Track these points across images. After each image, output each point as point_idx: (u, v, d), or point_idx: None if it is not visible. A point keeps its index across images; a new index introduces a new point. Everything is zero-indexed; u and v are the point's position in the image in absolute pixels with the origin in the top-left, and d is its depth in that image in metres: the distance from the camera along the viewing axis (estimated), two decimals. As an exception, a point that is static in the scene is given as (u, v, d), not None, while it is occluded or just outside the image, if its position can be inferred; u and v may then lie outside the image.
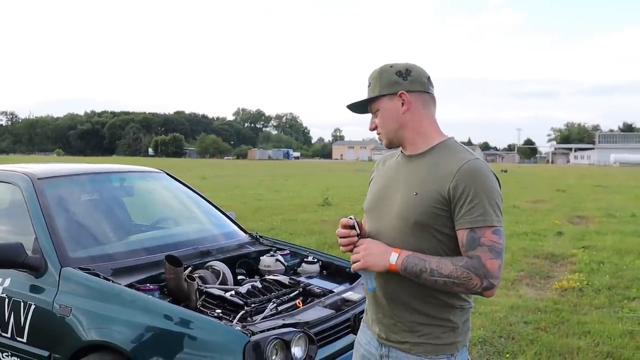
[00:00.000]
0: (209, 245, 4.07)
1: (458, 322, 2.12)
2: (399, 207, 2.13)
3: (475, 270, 1.97)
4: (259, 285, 3.53)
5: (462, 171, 2.03)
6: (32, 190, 3.74)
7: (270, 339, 2.81)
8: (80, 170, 4.53)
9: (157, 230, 4.44)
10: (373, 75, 2.21)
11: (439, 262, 2.01)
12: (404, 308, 2.13)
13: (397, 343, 2.16)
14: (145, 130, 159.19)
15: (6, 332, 3.49)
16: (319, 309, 3.31)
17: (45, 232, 3.51)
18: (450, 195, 2.02)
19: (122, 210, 4.44)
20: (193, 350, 2.85)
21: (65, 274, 3.32)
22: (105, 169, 4.79)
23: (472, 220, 1.99)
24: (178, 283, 3.28)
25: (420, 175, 2.13)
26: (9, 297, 3.49)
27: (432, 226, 2.06)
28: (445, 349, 2.11)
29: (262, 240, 4.54)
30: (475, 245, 1.98)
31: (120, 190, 4.57)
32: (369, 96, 2.20)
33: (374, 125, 2.24)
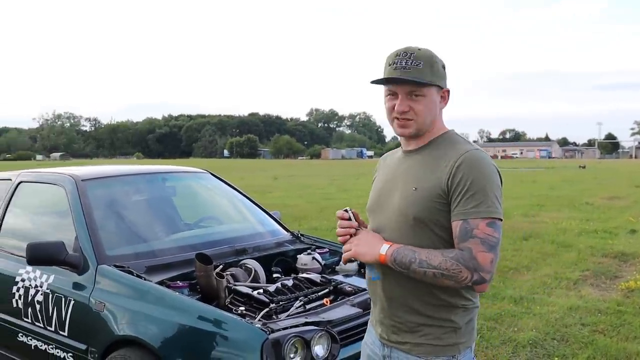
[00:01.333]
0: (246, 243, 4.12)
1: (460, 322, 2.06)
2: (398, 203, 2.09)
3: (465, 263, 1.91)
4: (289, 284, 3.54)
5: (460, 162, 1.97)
6: (75, 191, 3.90)
7: (289, 337, 2.82)
8: (123, 172, 4.69)
9: (197, 229, 4.53)
10: (423, 56, 2.03)
11: (429, 254, 1.96)
12: (404, 308, 2.09)
13: (398, 344, 2.12)
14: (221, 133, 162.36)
15: (51, 326, 3.66)
16: (346, 308, 3.30)
17: (85, 231, 3.65)
18: (449, 188, 1.97)
19: (166, 210, 4.56)
20: (215, 346, 2.90)
21: (101, 271, 3.45)
22: (149, 169, 4.94)
23: (466, 211, 1.93)
24: (208, 281, 3.35)
25: (418, 170, 2.08)
26: (53, 293, 3.65)
27: (432, 221, 2.01)
28: (446, 350, 2.05)
29: (302, 239, 4.56)
30: (467, 237, 1.93)
31: (162, 191, 4.69)
32: (423, 79, 2.02)
33: (409, 108, 2.05)
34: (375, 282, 2.17)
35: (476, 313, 2.14)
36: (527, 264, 8.43)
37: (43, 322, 3.72)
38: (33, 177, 4.61)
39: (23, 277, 3.91)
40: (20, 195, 4.53)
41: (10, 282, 4.00)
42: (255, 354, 2.76)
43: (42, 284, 3.74)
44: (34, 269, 3.83)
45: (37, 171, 4.80)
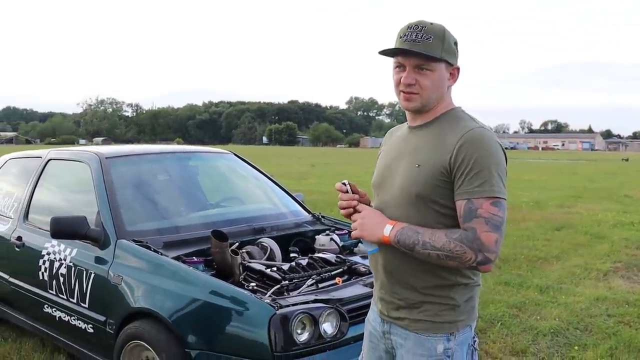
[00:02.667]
0: (264, 223, 4.16)
1: (459, 300, 2.05)
2: (401, 180, 2.08)
3: (469, 244, 1.89)
4: (303, 263, 3.58)
5: (463, 140, 1.94)
6: (98, 168, 4.00)
7: (297, 313, 2.85)
8: (147, 150, 4.79)
9: (219, 208, 4.59)
10: (434, 31, 2.00)
11: (432, 235, 1.94)
12: (403, 284, 2.09)
13: (397, 319, 2.12)
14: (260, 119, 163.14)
15: (73, 298, 3.78)
16: (358, 287, 3.32)
17: (106, 207, 3.75)
18: (451, 166, 1.95)
19: (188, 188, 4.63)
20: (225, 320, 2.96)
21: (120, 246, 3.54)
22: (173, 149, 5.04)
23: (470, 190, 1.91)
24: (223, 257, 3.40)
25: (422, 146, 2.06)
26: (75, 266, 3.76)
27: (434, 199, 1.99)
28: (444, 327, 2.05)
29: (323, 221, 4.59)
30: (471, 216, 1.90)
31: (185, 170, 4.76)
32: (431, 53, 1.98)
33: (415, 81, 2.02)
34: (376, 258, 2.18)
35: (477, 291, 2.12)
36: (557, 254, 8.32)
37: (66, 294, 3.84)
38: (61, 154, 4.75)
39: (49, 250, 4.03)
40: (48, 172, 4.67)
41: (37, 255, 4.13)
42: (263, 329, 2.81)
43: (66, 257, 3.85)
44: (59, 243, 3.95)
45: (65, 149, 4.93)
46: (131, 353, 3.32)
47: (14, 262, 4.51)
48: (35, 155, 5.08)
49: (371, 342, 2.29)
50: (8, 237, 4.54)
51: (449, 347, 2.05)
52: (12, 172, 5.25)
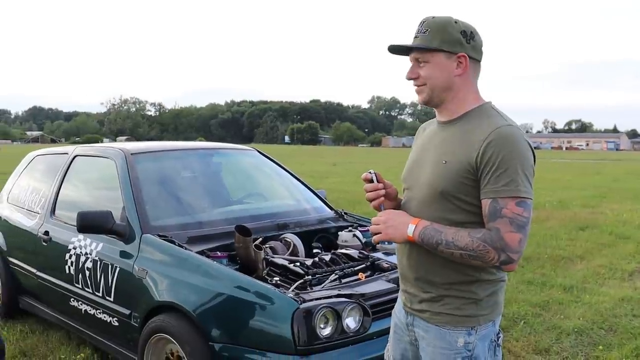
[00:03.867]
0: (287, 219, 4.18)
1: (481, 294, 2.04)
2: (428, 176, 2.08)
3: (492, 243, 1.89)
4: (327, 258, 3.59)
5: (491, 138, 1.93)
6: (124, 164, 4.05)
7: (320, 307, 2.86)
8: (172, 147, 4.84)
9: (242, 204, 4.62)
10: (433, 24, 2.04)
11: (456, 234, 1.94)
12: (426, 279, 2.10)
13: (420, 312, 2.14)
14: (282, 119, 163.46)
15: (98, 292, 3.83)
16: (381, 283, 3.32)
17: (131, 202, 3.79)
18: (478, 164, 1.94)
19: (212, 184, 4.67)
20: (248, 314, 2.98)
21: (145, 240, 3.58)
22: (197, 145, 5.09)
23: (495, 189, 1.90)
24: (246, 252, 3.43)
25: (450, 143, 2.05)
26: (101, 260, 3.81)
27: (459, 197, 1.99)
28: (465, 321, 2.05)
29: (346, 217, 4.60)
30: (496, 216, 1.90)
31: (209, 166, 4.80)
32: (426, 45, 2.03)
33: (416, 76, 2.08)
34: (400, 251, 2.20)
35: (501, 287, 2.12)
36: (581, 254, 8.24)
37: (92, 288, 3.89)
38: (87, 151, 4.82)
39: (75, 244, 4.09)
40: (75, 168, 4.74)
41: (64, 249, 4.19)
42: (287, 323, 2.82)
43: (92, 252, 3.91)
44: (85, 237, 4.00)
45: (91, 146, 5.00)
46: (155, 346, 3.36)
47: (41, 257, 4.59)
48: (61, 152, 5.15)
49: (396, 333, 2.31)
50: (35, 232, 4.61)
51: (470, 341, 2.05)
52: (39, 169, 5.33)
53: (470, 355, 2.05)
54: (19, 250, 4.82)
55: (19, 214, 5.08)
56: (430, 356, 2.11)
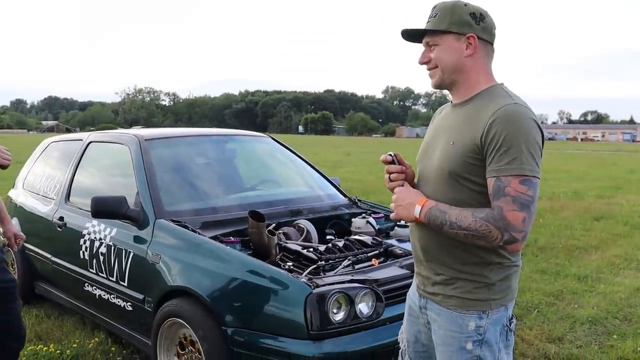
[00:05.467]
0: (301, 205, 4.19)
1: (493, 278, 2.03)
2: (438, 157, 2.08)
3: (494, 223, 1.87)
4: (340, 244, 3.58)
5: (495, 116, 1.92)
6: (138, 150, 4.06)
7: (333, 292, 2.86)
8: (185, 133, 4.85)
9: (256, 190, 4.62)
10: (442, 7, 2.06)
11: (459, 214, 1.94)
12: (438, 261, 2.10)
13: (432, 295, 2.14)
14: (296, 109, 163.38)
15: (112, 277, 3.84)
16: (394, 269, 3.31)
17: (145, 187, 3.80)
18: (483, 143, 1.93)
19: (225, 170, 4.67)
20: (261, 299, 2.98)
21: (159, 225, 3.59)
22: (210, 132, 5.09)
23: (499, 168, 1.89)
24: (260, 237, 3.43)
25: (458, 124, 2.06)
26: (114, 246, 3.83)
27: (467, 177, 1.99)
28: (477, 305, 2.04)
29: (359, 204, 4.59)
30: (499, 195, 1.88)
31: (223, 152, 4.80)
32: (434, 27, 2.05)
33: (427, 59, 2.10)
34: (413, 234, 2.21)
35: (515, 272, 2.10)
36: (596, 244, 8.18)
37: (106, 273, 3.91)
38: (101, 137, 4.84)
39: (89, 230, 4.11)
40: (89, 155, 4.76)
41: (79, 235, 4.21)
42: (299, 308, 2.82)
43: (106, 237, 3.93)
44: (99, 223, 4.02)
45: (105, 132, 5.02)
46: (169, 330, 3.38)
47: (56, 242, 4.62)
48: (76, 138, 5.18)
49: (410, 315, 2.31)
50: (50, 218, 4.64)
51: (481, 325, 2.04)
52: (54, 155, 5.36)
53: (482, 340, 2.04)
54: (34, 236, 4.86)
55: (34, 200, 5.11)
56: (441, 339, 2.11)
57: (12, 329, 3.00)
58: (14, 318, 2.99)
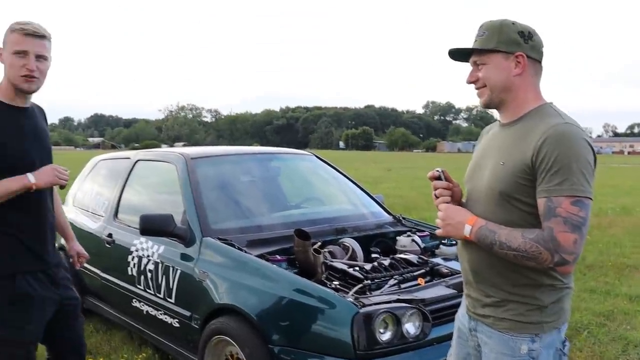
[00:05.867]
0: (345, 223, 4.18)
1: (546, 301, 2.00)
2: (487, 177, 2.07)
3: (545, 244, 1.85)
4: (385, 263, 3.57)
5: (546, 136, 1.90)
6: (184, 168, 4.12)
7: (380, 312, 2.84)
8: (230, 152, 4.89)
9: (300, 208, 4.63)
10: (490, 26, 2.06)
11: (509, 235, 1.92)
12: (488, 282, 2.08)
13: (483, 317, 2.11)
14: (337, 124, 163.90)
15: (160, 293, 3.89)
16: (441, 288, 3.28)
17: (192, 205, 3.85)
18: (534, 163, 1.91)
19: (270, 189, 4.70)
20: (308, 317, 2.98)
21: (206, 243, 3.62)
22: (255, 150, 5.14)
23: (550, 188, 1.87)
24: (305, 256, 3.44)
25: (508, 144, 2.04)
26: (162, 263, 3.88)
27: (518, 197, 1.97)
28: (529, 328, 2.00)
29: (404, 222, 4.57)
30: (550, 215, 1.86)
31: (267, 170, 4.84)
32: (482, 46, 2.05)
33: (475, 78, 2.11)
34: (462, 255, 2.19)
35: (567, 294, 2.06)
36: (647, 262, 7.96)
37: (153, 289, 3.96)
38: (149, 155, 4.93)
39: (137, 247, 4.17)
40: (137, 172, 4.85)
41: (127, 251, 4.28)
42: (346, 328, 2.81)
43: (153, 254, 3.98)
44: (146, 240, 4.08)
45: (152, 150, 5.11)
46: (215, 348, 3.39)
47: (105, 258, 4.70)
48: (123, 157, 5.28)
49: (460, 338, 2.29)
50: (99, 234, 4.73)
51: (534, 349, 2.01)
52: (103, 173, 5.47)
53: None
54: (84, 252, 4.93)
55: (84, 216, 5.22)
56: None
57: (73, 345, 3.05)
58: (75, 335, 3.04)
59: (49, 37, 2.67)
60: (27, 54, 2.60)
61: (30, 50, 2.60)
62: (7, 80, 2.66)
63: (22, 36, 2.59)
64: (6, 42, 2.63)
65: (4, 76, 2.68)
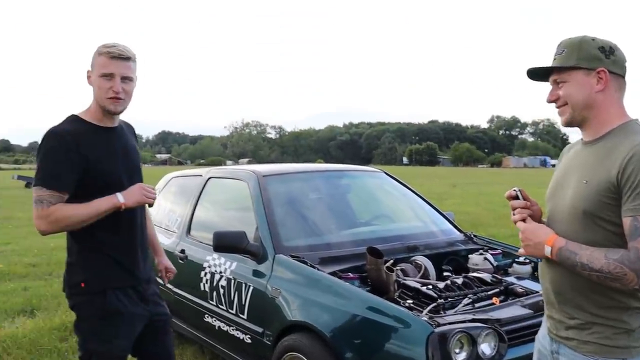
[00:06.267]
0: (417, 241, 4.15)
1: (634, 324, 1.93)
2: (570, 196, 2.03)
3: (630, 265, 1.79)
4: (459, 282, 3.52)
5: (632, 154, 1.85)
6: (257, 186, 4.19)
7: (455, 331, 2.80)
8: (301, 169, 4.95)
9: (371, 226, 4.63)
10: (569, 43, 2.03)
11: (591, 256, 1.87)
12: (572, 304, 2.03)
13: (566, 340, 2.06)
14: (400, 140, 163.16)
15: (232, 309, 3.95)
16: (516, 308, 3.21)
17: (264, 223, 3.90)
18: (619, 181, 1.86)
19: (340, 206, 4.72)
20: (381, 336, 2.96)
21: (278, 260, 3.66)
22: (325, 167, 5.18)
23: (635, 207, 1.81)
24: (378, 274, 3.43)
25: (591, 162, 1.99)
26: (235, 279, 3.94)
27: (602, 217, 1.92)
28: (615, 352, 1.94)
29: (475, 240, 4.50)
30: (635, 235, 1.80)
31: (337, 188, 4.86)
32: (562, 64, 2.03)
33: (556, 97, 2.07)
34: (543, 275, 2.15)
35: None
36: None
37: (226, 305, 4.02)
38: (220, 173, 5.03)
39: (210, 263, 4.25)
40: (209, 189, 4.95)
41: (199, 267, 4.37)
42: (421, 347, 2.78)
43: (226, 270, 4.05)
44: (219, 256, 4.15)
45: (224, 168, 5.22)
46: (288, 364, 3.41)
47: (177, 274, 4.77)
48: (196, 174, 5.40)
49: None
50: (173, 251, 4.83)
51: None
52: (176, 190, 5.61)
53: None
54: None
55: (157, 232, 5.33)
56: None
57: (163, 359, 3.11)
58: (163, 350, 3.08)
59: (134, 58, 2.75)
60: (114, 76, 2.68)
61: (116, 72, 2.69)
62: (96, 102, 2.76)
63: (109, 59, 2.68)
64: (94, 65, 2.73)
65: (93, 98, 2.78)
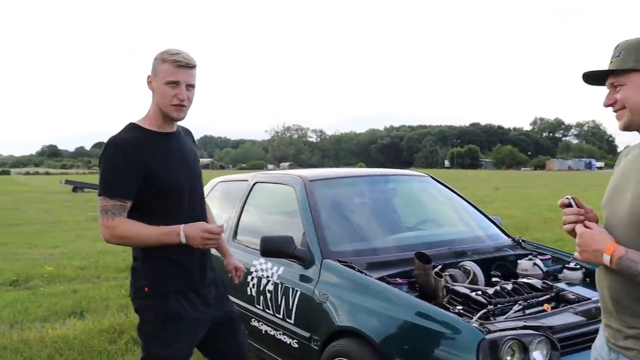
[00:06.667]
0: (464, 246, 4.12)
1: None
2: (629, 202, 1.97)
3: None
4: (509, 287, 3.48)
5: None
6: (303, 191, 4.20)
7: (506, 338, 2.76)
8: (347, 174, 4.95)
9: (417, 230, 4.61)
10: (626, 45, 1.99)
11: None
12: (630, 313, 1.97)
13: (625, 349, 2.00)
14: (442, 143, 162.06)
15: (279, 314, 3.97)
16: (568, 315, 3.15)
17: (311, 227, 3.91)
18: None
19: (386, 211, 4.71)
20: (431, 342, 2.94)
21: (326, 265, 3.66)
22: (371, 172, 5.15)
23: None
24: (426, 279, 3.41)
25: None
26: (281, 284, 3.96)
27: None
28: None
29: (524, 245, 4.44)
30: None
31: (384, 193, 4.85)
32: (619, 67, 1.98)
33: (613, 101, 2.03)
34: (601, 282, 2.10)
35: None
36: None
37: (272, 310, 4.04)
38: (266, 178, 5.06)
39: (257, 267, 4.28)
40: (255, 194, 4.98)
41: (246, 272, 4.38)
42: (472, 354, 2.75)
43: (273, 275, 4.07)
44: (266, 261, 4.18)
45: (269, 173, 5.24)
46: (336, 370, 3.41)
47: (225, 278, 4.83)
48: (242, 179, 5.44)
49: None
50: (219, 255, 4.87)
51: None
52: (222, 195, 5.66)
53: None
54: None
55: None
56: None
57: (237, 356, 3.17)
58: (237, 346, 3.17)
59: (196, 66, 2.80)
60: (179, 84, 2.72)
61: (182, 80, 2.72)
62: (157, 108, 2.79)
63: (175, 67, 2.71)
64: (158, 72, 2.75)
65: (153, 104, 2.81)
